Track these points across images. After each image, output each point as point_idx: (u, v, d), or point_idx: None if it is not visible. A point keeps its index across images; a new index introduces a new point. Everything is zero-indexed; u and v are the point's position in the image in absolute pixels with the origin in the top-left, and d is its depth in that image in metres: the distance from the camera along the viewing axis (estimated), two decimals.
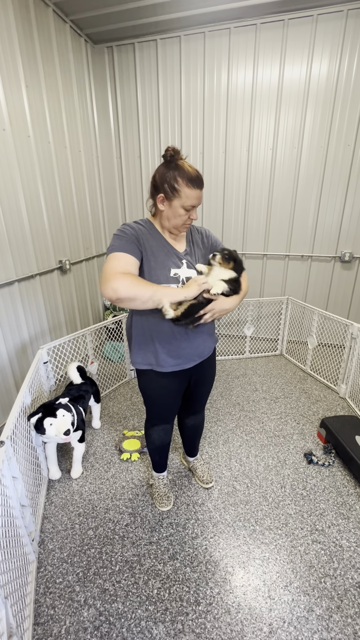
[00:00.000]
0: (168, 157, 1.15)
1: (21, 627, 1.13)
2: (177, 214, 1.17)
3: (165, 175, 1.14)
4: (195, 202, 1.16)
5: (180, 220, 1.19)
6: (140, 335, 1.30)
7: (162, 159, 1.18)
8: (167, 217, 1.20)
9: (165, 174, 1.15)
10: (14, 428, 1.35)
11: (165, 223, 1.22)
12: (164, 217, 1.21)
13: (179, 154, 1.16)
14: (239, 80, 2.97)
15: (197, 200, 1.16)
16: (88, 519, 1.64)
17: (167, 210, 1.18)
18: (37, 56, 2.40)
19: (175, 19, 2.77)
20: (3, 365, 2.28)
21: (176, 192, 1.14)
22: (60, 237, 2.85)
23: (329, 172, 3.02)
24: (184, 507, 1.70)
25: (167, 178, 1.14)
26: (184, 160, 1.16)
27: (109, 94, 3.31)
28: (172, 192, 1.14)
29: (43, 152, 2.54)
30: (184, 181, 1.12)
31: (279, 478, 1.86)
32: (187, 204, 1.15)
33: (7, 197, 2.20)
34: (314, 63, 2.78)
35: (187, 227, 1.25)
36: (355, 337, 2.37)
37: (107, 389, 2.76)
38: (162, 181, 1.16)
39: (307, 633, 1.19)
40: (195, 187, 1.14)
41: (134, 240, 1.17)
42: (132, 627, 1.22)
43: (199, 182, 1.15)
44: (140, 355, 1.32)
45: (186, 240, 1.32)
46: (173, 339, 1.26)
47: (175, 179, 1.13)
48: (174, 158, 1.15)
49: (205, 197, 3.38)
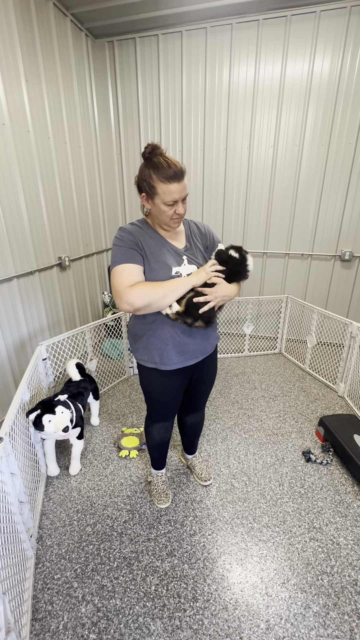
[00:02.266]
0: (147, 155, 1.12)
1: (19, 622, 1.13)
2: (161, 211, 1.15)
3: (143, 174, 1.13)
4: (176, 197, 1.11)
5: (166, 217, 1.16)
6: (144, 334, 1.30)
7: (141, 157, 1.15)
8: (155, 215, 1.20)
9: (143, 172, 1.13)
10: (12, 424, 1.35)
11: (155, 220, 1.22)
12: (153, 215, 1.21)
13: (158, 149, 1.12)
14: (241, 76, 2.95)
15: (178, 194, 1.11)
16: (86, 516, 1.64)
17: (153, 208, 1.17)
18: (37, 50, 2.38)
19: (176, 13, 2.74)
20: (2, 361, 2.27)
21: (154, 190, 1.11)
22: (60, 234, 2.83)
23: (330, 171, 3.01)
24: (182, 504, 1.70)
25: (144, 176, 1.13)
26: (160, 155, 1.10)
27: (110, 89, 3.29)
28: (150, 190, 1.13)
29: (43, 148, 2.52)
30: (159, 178, 1.09)
31: (277, 476, 1.87)
32: (167, 200, 1.11)
33: (7, 193, 2.19)
34: (317, 60, 2.76)
35: (177, 222, 1.21)
36: (355, 336, 2.37)
37: (106, 386, 2.75)
38: (141, 180, 1.15)
39: (304, 630, 1.20)
40: (172, 181, 1.09)
41: (132, 246, 1.16)
42: (129, 623, 1.22)
43: (175, 176, 1.09)
44: (146, 354, 1.32)
45: (185, 236, 1.31)
46: (176, 336, 1.26)
47: (150, 176, 1.10)
48: (152, 154, 1.11)
49: (206, 194, 3.37)
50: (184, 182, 1.13)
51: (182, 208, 1.16)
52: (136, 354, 1.36)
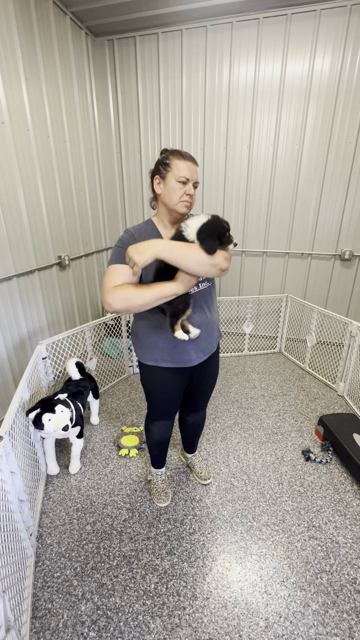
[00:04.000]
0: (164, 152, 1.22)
1: (19, 620, 1.14)
2: (172, 189, 1.16)
3: (159, 160, 1.21)
4: (188, 174, 1.15)
5: (176, 196, 1.16)
6: (146, 333, 1.30)
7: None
8: (164, 199, 1.20)
9: (158, 160, 1.22)
10: (12, 423, 1.35)
11: (164, 209, 1.22)
12: (162, 202, 1.22)
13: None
14: (241, 75, 2.95)
15: (190, 173, 1.15)
16: (86, 514, 1.64)
17: (164, 190, 1.19)
18: (37, 49, 2.37)
19: (176, 12, 2.74)
20: (1, 360, 2.27)
21: (167, 167, 1.16)
22: (59, 233, 2.83)
23: (330, 170, 3.01)
24: (182, 503, 1.70)
25: (160, 159, 1.20)
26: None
27: (110, 88, 3.28)
28: (164, 168, 1.17)
29: (42, 146, 2.51)
30: (174, 155, 1.17)
31: (276, 475, 1.87)
32: (180, 175, 1.14)
33: (6, 192, 2.18)
34: (317, 59, 2.76)
35: (187, 207, 1.19)
36: (354, 336, 2.37)
37: (106, 385, 2.76)
38: (156, 166, 1.21)
39: (303, 628, 1.20)
40: (186, 159, 1.16)
41: None
42: (129, 621, 1.22)
43: (190, 157, 1.18)
44: (147, 352, 1.32)
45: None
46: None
47: (166, 157, 1.18)
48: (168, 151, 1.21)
49: (206, 193, 3.36)
50: (197, 169, 1.19)
51: (192, 190, 1.18)
52: (138, 352, 1.36)
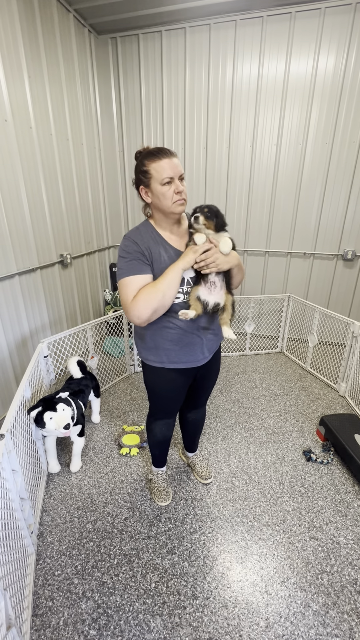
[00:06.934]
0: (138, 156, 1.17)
1: (20, 618, 1.14)
2: (161, 194, 1.12)
3: (136, 168, 1.17)
4: (169, 172, 1.09)
5: (168, 200, 1.12)
6: (151, 335, 1.29)
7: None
8: (157, 205, 1.16)
9: (136, 167, 1.17)
10: (13, 421, 1.35)
11: (160, 212, 1.18)
12: (155, 208, 1.18)
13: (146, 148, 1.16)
14: (244, 73, 2.93)
15: (170, 169, 1.09)
16: (87, 513, 1.65)
17: (153, 198, 1.15)
18: (40, 46, 2.37)
19: (180, 9, 2.73)
20: (3, 358, 2.27)
21: (147, 174, 1.12)
22: (62, 231, 2.83)
23: (333, 169, 2.99)
24: (183, 502, 1.71)
25: (138, 169, 1.16)
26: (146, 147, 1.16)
27: (112, 85, 3.27)
28: (144, 177, 1.13)
29: (45, 144, 2.51)
30: (146, 160, 1.12)
31: (277, 475, 1.87)
32: (161, 177, 1.10)
33: (9, 190, 2.18)
34: (321, 57, 2.74)
35: (180, 205, 1.15)
36: (356, 336, 2.36)
37: (107, 384, 2.76)
38: (136, 175, 1.17)
39: (303, 628, 1.20)
40: (160, 157, 1.09)
41: (137, 256, 1.15)
42: (129, 619, 1.23)
43: (161, 151, 1.11)
44: (152, 354, 1.32)
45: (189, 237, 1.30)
46: (183, 337, 1.26)
47: (142, 163, 1.13)
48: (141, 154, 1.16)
49: (208, 193, 3.35)
50: (176, 160, 1.12)
51: (180, 186, 1.13)
52: (142, 353, 1.35)
